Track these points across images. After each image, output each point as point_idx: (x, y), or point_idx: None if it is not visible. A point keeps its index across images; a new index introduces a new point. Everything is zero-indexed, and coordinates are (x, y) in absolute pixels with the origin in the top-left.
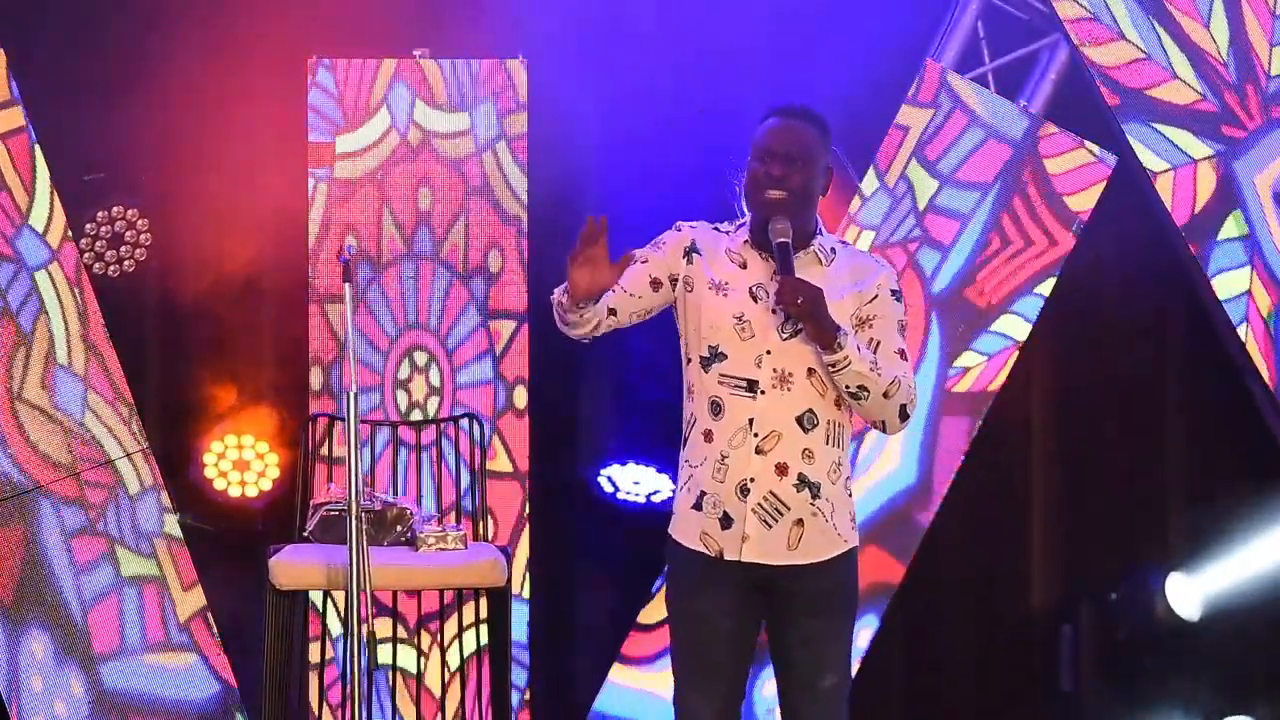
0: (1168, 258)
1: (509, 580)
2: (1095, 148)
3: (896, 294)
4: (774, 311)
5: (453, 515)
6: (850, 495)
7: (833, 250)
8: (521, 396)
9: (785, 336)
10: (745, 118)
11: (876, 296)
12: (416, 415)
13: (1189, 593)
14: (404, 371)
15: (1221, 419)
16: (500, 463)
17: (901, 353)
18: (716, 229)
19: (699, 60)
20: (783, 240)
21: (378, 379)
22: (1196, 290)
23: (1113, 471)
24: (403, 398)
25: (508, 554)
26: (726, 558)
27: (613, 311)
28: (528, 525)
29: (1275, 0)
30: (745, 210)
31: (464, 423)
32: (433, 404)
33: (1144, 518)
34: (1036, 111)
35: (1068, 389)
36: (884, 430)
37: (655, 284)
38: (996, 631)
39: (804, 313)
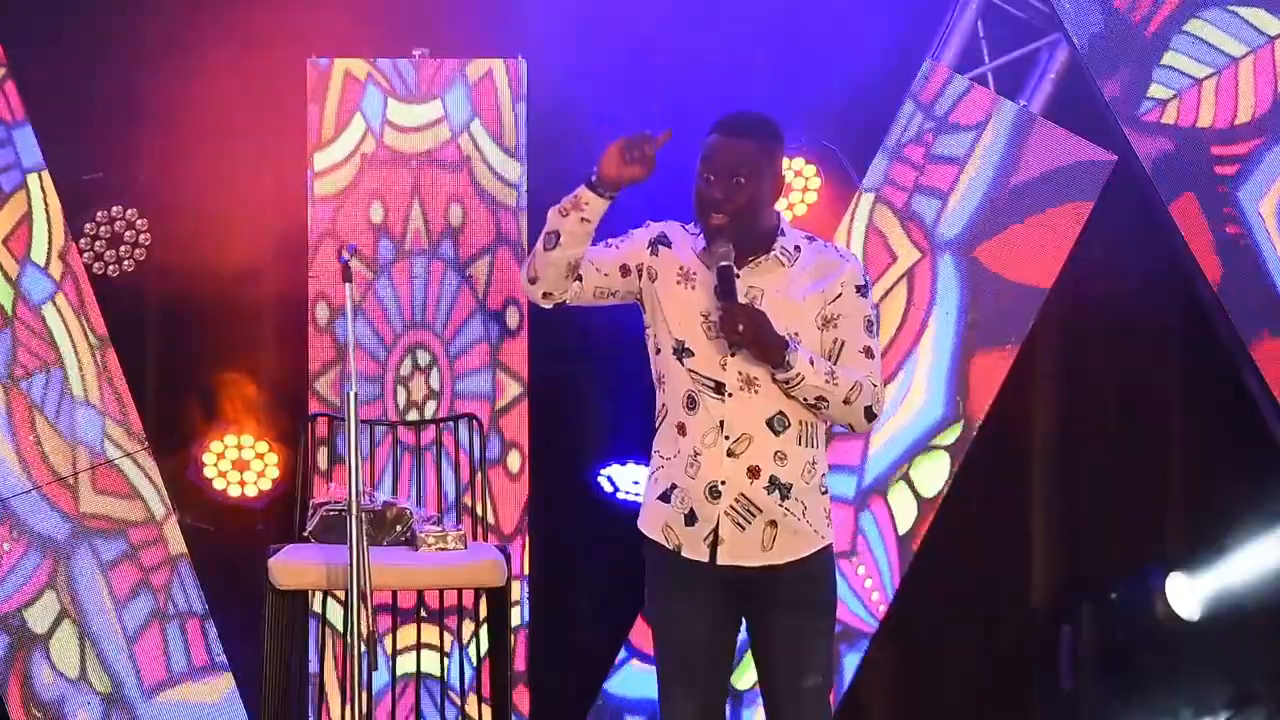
0: (1168, 257)
1: (509, 580)
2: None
3: (862, 289)
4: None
5: (453, 515)
6: (825, 493)
7: (796, 248)
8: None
9: (734, 354)
10: None
11: (840, 295)
12: (416, 413)
13: (1189, 593)
14: (405, 369)
15: (1221, 419)
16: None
17: (867, 350)
18: (685, 228)
19: (699, 60)
20: (725, 264)
21: (378, 386)
22: (1196, 289)
23: (1113, 471)
24: (402, 395)
25: (507, 553)
26: (684, 554)
27: (578, 276)
28: (528, 524)
29: None
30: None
31: (463, 421)
32: (434, 378)
33: (1144, 518)
34: (1036, 111)
35: (1067, 388)
36: (851, 431)
37: (624, 270)
38: (997, 631)
39: (746, 339)
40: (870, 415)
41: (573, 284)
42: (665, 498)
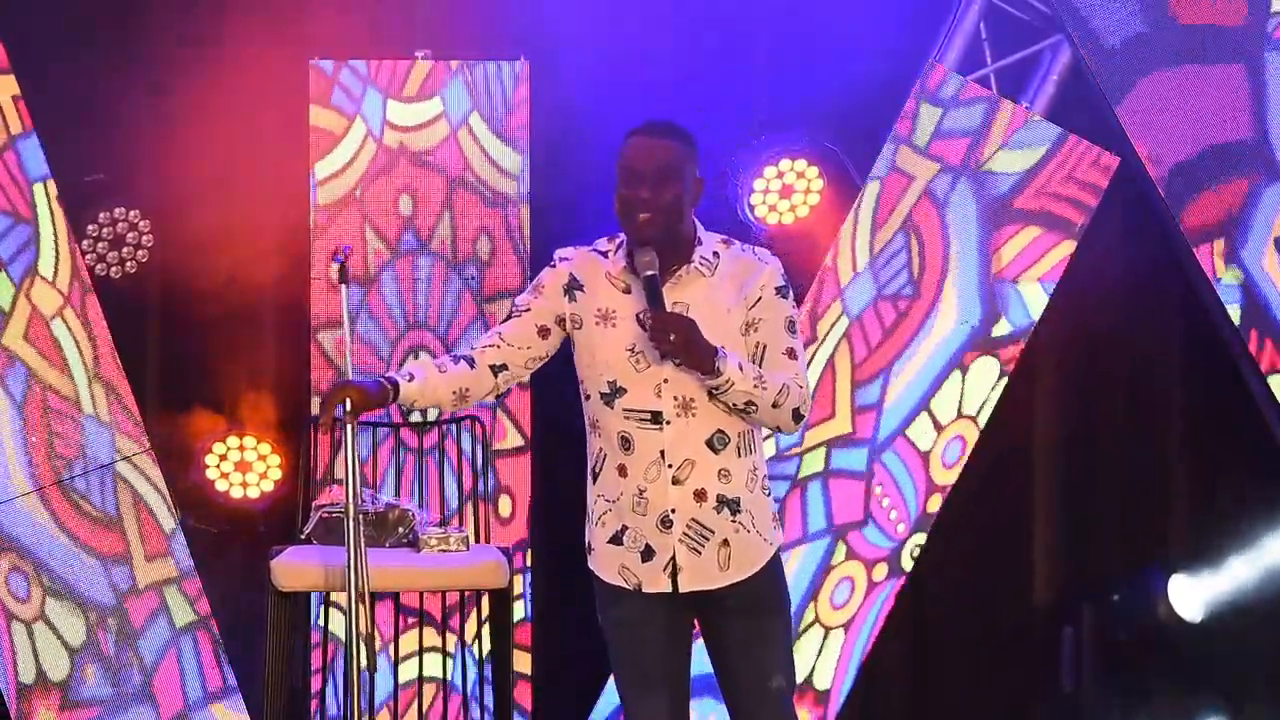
0: (1168, 257)
1: (511, 581)
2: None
3: (781, 290)
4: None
5: (456, 517)
6: (769, 493)
7: (715, 255)
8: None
9: (677, 363)
10: (747, 117)
11: (760, 299)
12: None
13: (1191, 594)
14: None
15: (1223, 420)
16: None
17: (790, 352)
18: (595, 250)
19: (701, 60)
20: (650, 274)
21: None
22: (1197, 290)
23: (1114, 472)
24: None
25: (509, 555)
26: (645, 590)
27: (502, 368)
28: (529, 518)
29: None
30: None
31: (466, 424)
32: None
33: (1146, 519)
34: (1038, 112)
35: (1069, 389)
36: (779, 433)
37: (543, 331)
38: (998, 632)
39: (677, 348)
40: (798, 417)
41: (498, 378)
42: (617, 540)
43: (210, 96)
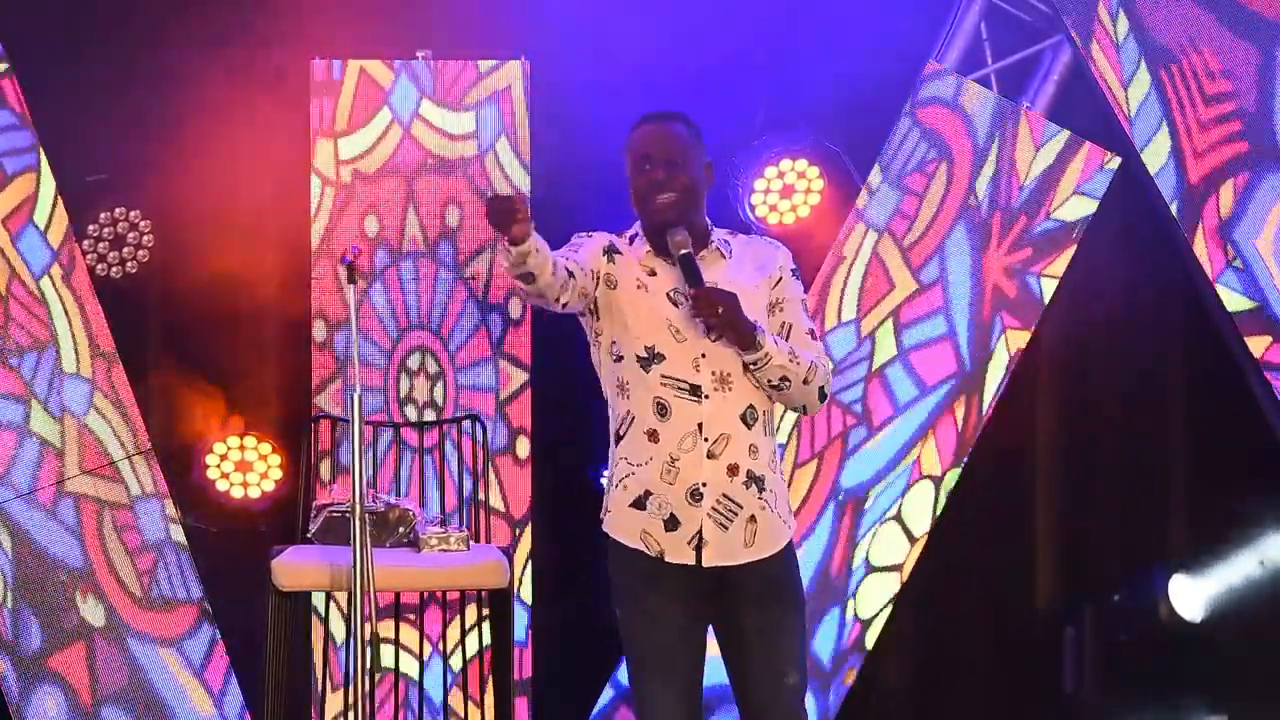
0: (1169, 258)
1: (511, 581)
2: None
3: (795, 272)
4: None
5: (455, 516)
6: (783, 478)
7: (727, 243)
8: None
9: (715, 338)
10: (749, 117)
11: (781, 279)
12: (425, 412)
13: (1192, 594)
14: (405, 377)
15: (1224, 420)
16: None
17: (812, 333)
18: (619, 240)
19: (702, 60)
20: (685, 252)
21: (380, 379)
22: (1198, 290)
23: (1115, 473)
24: (405, 395)
25: (509, 555)
26: (668, 559)
27: (571, 275)
28: (531, 520)
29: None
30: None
31: (466, 424)
32: (437, 391)
33: (1146, 519)
34: (1039, 112)
35: (1070, 390)
36: (804, 413)
37: (594, 274)
38: (999, 633)
39: (725, 321)
40: (823, 395)
41: (570, 281)
42: (640, 504)
43: (210, 96)
